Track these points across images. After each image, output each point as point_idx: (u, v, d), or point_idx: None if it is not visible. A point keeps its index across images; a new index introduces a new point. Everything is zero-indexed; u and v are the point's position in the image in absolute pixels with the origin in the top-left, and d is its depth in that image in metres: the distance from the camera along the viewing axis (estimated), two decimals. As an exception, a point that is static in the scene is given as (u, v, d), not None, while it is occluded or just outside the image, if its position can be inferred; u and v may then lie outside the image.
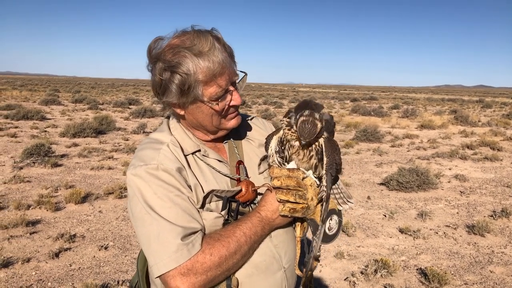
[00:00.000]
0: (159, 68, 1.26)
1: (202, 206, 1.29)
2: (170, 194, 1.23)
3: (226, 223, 1.31)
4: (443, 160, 10.80)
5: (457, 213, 6.58)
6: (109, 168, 8.92)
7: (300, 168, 1.30)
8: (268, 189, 1.32)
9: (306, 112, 1.21)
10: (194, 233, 1.22)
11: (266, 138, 1.40)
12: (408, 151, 12.41)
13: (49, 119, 17.94)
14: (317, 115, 1.22)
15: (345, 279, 4.28)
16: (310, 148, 1.29)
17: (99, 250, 4.88)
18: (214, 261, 1.19)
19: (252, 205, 1.38)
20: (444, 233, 5.68)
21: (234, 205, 1.32)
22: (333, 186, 1.36)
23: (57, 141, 12.01)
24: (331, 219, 1.34)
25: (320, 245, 1.27)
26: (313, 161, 1.29)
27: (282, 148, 1.34)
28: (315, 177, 1.31)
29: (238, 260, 1.25)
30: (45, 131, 14.27)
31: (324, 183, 1.25)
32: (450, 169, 9.83)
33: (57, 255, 4.65)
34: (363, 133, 13.95)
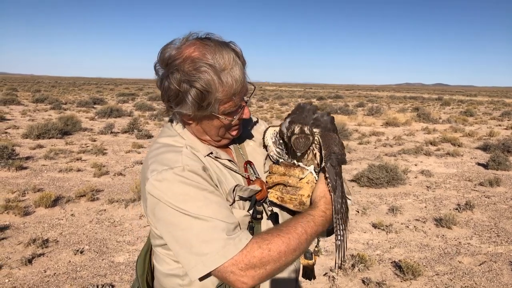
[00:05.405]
0: (177, 78, 1.22)
1: (232, 203, 1.31)
2: (202, 192, 1.22)
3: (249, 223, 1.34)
4: (409, 156, 11.21)
5: (425, 207, 6.87)
6: (78, 170, 8.67)
7: (300, 164, 1.36)
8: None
9: (297, 130, 1.29)
10: (236, 227, 1.22)
11: (263, 132, 1.49)
12: (375, 148, 12.79)
13: (9, 119, 17.13)
14: (306, 129, 1.30)
15: (324, 275, 4.39)
16: (311, 148, 1.35)
17: (75, 254, 4.75)
18: (273, 256, 1.16)
19: (264, 203, 1.40)
20: (415, 226, 5.93)
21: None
22: None
23: (20, 143, 11.51)
24: None
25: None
26: (318, 158, 1.36)
27: (281, 141, 1.44)
28: (316, 172, 1.37)
29: (296, 257, 1.23)
30: (6, 132, 13.64)
31: (326, 174, 1.29)
32: (416, 165, 10.23)
33: (30, 261, 4.49)
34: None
